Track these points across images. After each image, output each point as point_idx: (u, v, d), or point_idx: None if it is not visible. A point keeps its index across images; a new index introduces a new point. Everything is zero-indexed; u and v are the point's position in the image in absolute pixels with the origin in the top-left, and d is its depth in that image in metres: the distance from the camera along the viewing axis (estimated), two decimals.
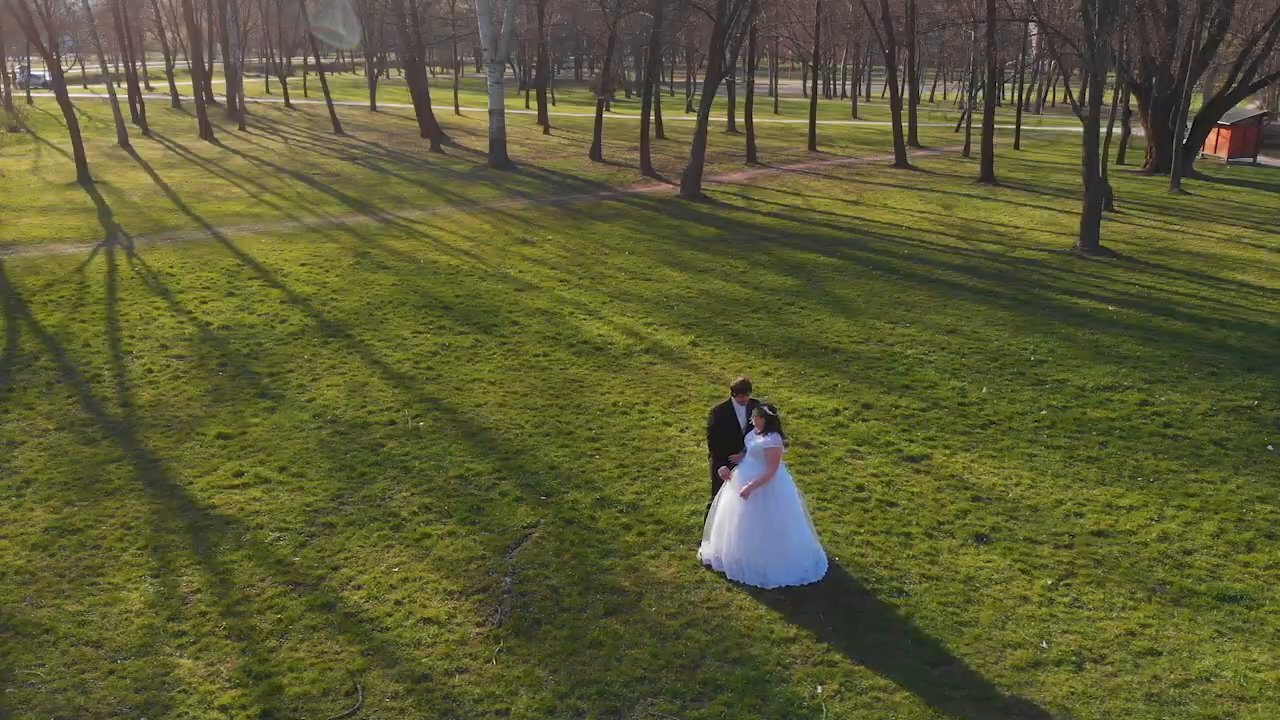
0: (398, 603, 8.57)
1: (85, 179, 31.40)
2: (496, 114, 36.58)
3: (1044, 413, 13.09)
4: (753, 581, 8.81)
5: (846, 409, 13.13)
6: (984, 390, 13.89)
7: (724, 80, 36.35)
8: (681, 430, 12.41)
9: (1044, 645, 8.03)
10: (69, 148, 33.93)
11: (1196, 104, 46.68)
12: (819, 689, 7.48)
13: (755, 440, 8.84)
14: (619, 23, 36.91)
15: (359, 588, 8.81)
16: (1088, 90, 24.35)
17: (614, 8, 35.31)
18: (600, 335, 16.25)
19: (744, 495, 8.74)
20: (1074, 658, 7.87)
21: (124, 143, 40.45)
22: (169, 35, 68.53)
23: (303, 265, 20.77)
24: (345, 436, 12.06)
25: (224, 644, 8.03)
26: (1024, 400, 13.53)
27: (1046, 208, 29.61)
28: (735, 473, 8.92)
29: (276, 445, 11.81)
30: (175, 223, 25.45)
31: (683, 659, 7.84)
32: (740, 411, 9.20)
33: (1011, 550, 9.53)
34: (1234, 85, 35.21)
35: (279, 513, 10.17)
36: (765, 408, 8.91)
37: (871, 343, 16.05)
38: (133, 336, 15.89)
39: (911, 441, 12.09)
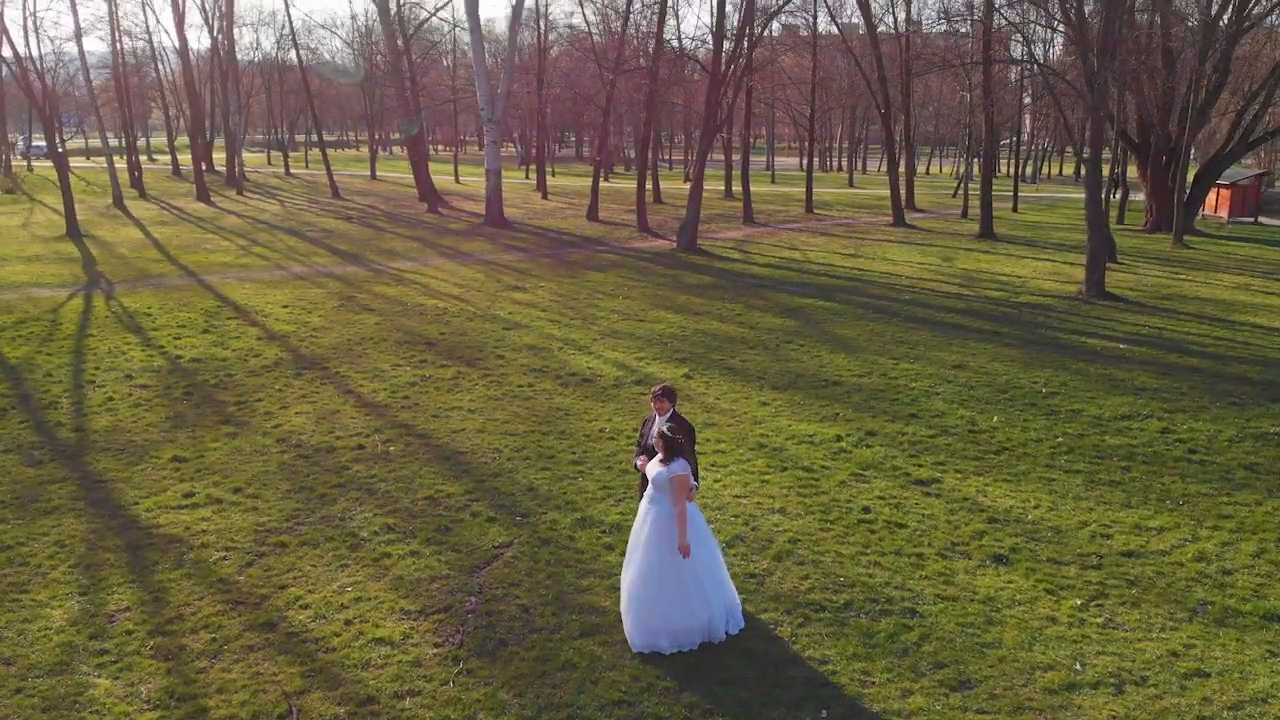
0: (347, 623, 7.63)
1: (74, 233, 31.01)
2: (493, 173, 36.44)
3: (1060, 440, 12.24)
4: (661, 647, 7.19)
5: (850, 435, 12.29)
6: (995, 419, 13.06)
7: (719, 137, 36.26)
8: None
9: (1078, 667, 7.08)
10: (63, 207, 33.64)
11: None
12: (823, 713, 6.51)
13: (655, 469, 7.18)
14: (617, 83, 37.01)
15: (306, 607, 7.87)
16: (1087, 132, 24.02)
17: (612, 66, 35.44)
18: (589, 368, 15.49)
19: (683, 553, 7.05)
20: (1113, 680, 6.91)
21: (118, 203, 40.29)
22: (172, 112, 69.14)
23: (285, 307, 20.12)
24: (308, 460, 11.20)
25: (148, 664, 7.08)
26: (1038, 428, 12.69)
27: (1049, 260, 29.12)
28: (641, 516, 7.34)
29: (234, 468, 10.94)
30: (160, 271, 24.91)
31: (667, 681, 6.88)
32: (658, 422, 7.81)
33: (1034, 571, 8.61)
34: (1232, 143, 35.10)
35: (227, 532, 9.27)
36: (665, 428, 7.24)
37: (874, 376, 15.27)
38: (98, 368, 15.13)
39: (920, 466, 11.23)
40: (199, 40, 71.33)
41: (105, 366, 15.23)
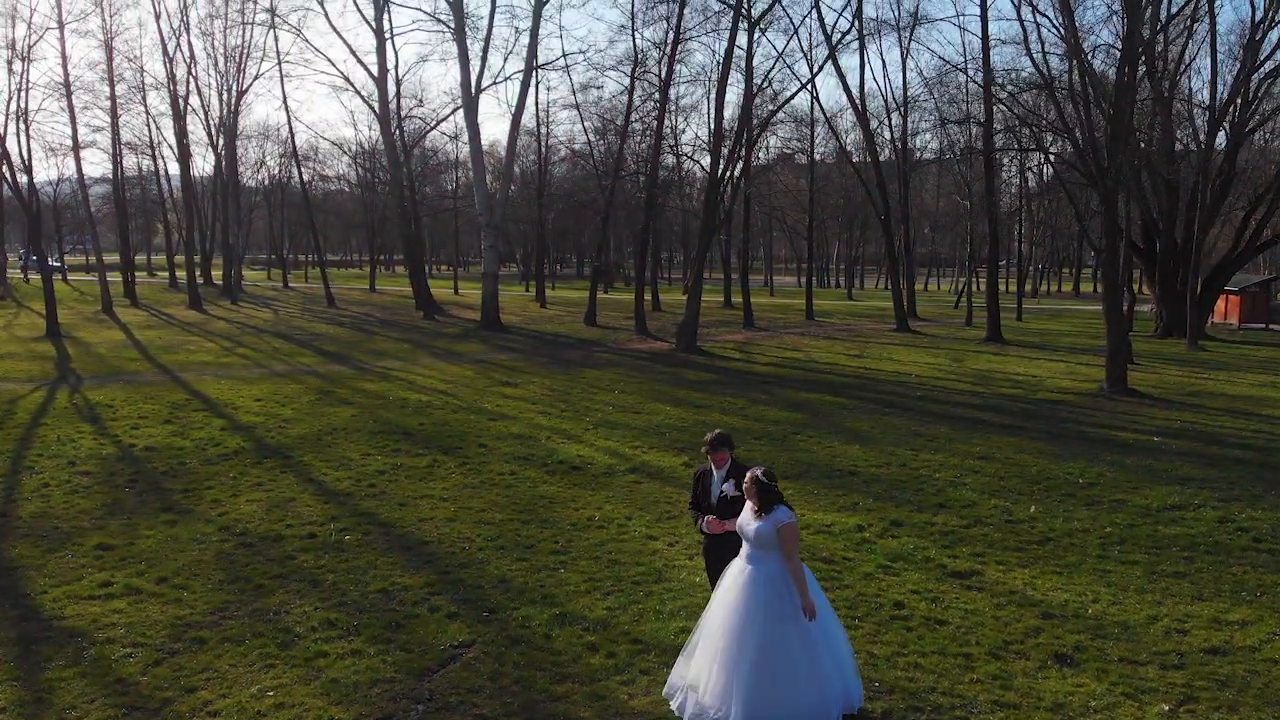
0: None
1: (54, 334, 30.08)
2: (490, 277, 35.85)
3: (1108, 530, 10.82)
4: None
5: (872, 525, 10.87)
6: (1032, 509, 11.66)
7: (718, 243, 35.75)
8: (670, 544, 10.12)
9: None
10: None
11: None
12: None
13: (753, 524, 6.29)
14: (616, 189, 36.78)
15: (214, 714, 6.36)
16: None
17: (612, 172, 35.25)
18: (579, 455, 14.14)
19: (809, 614, 6.06)
20: None
21: (107, 309, 39.59)
22: (173, 229, 69.24)
23: (258, 400, 18.88)
24: (250, 549, 9.77)
25: None
26: (1081, 518, 11.28)
27: (1063, 361, 28.05)
28: (742, 580, 6.24)
29: (164, 557, 9.50)
30: (135, 368, 23.78)
31: None
32: (717, 477, 7.06)
33: (1106, 672, 7.11)
34: (1240, 247, 34.55)
35: (140, 625, 7.79)
36: (759, 472, 6.32)
37: (893, 466, 13.91)
38: (40, 455, 13.79)
39: (955, 558, 9.79)
40: (204, 159, 72.08)
41: (50, 454, 13.90)
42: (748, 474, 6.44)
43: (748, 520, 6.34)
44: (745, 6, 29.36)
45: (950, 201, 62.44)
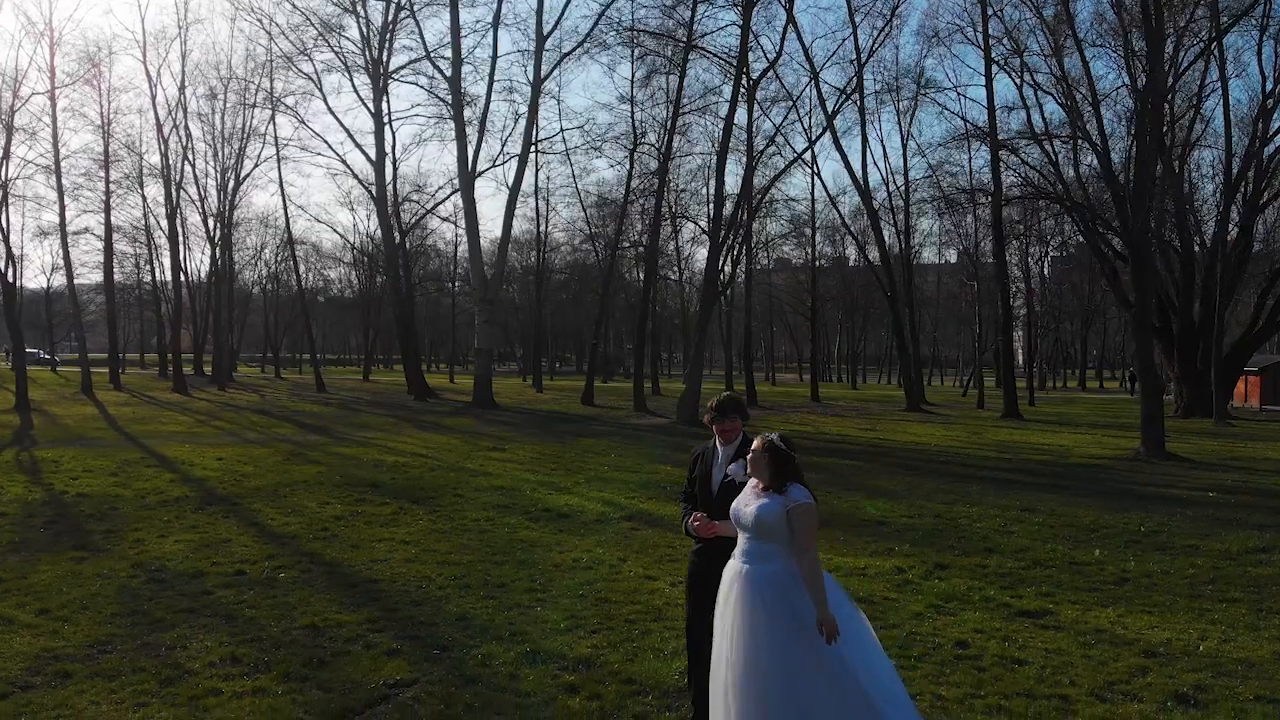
0: None
1: (23, 406, 28.55)
2: (484, 353, 34.57)
3: (1192, 571, 9.11)
4: None
5: (914, 568, 9.17)
6: (1097, 553, 9.96)
7: (719, 319, 34.60)
8: (673, 584, 8.41)
9: None
10: (29, 392, 31.29)
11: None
12: None
13: (752, 504, 4.56)
14: (613, 267, 35.80)
15: None
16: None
17: (611, 244, 34.30)
18: (568, 504, 12.46)
19: (827, 635, 4.30)
20: None
21: (86, 389, 38.11)
22: (166, 329, 68.07)
23: (219, 460, 17.22)
24: (160, 584, 8.06)
25: None
26: (1157, 561, 9.57)
27: (1087, 434, 26.41)
28: (738, 587, 4.51)
29: (55, 589, 7.81)
30: (97, 435, 22.16)
31: None
32: (722, 454, 5.16)
33: (1245, 712, 5.44)
34: (1259, 324, 33.29)
35: None
36: (774, 437, 4.59)
37: (927, 517, 12.23)
38: None
39: (1019, 597, 8.07)
40: (202, 251, 71.49)
41: None
42: (756, 440, 4.65)
43: (747, 500, 4.58)
44: (746, 73, 28.87)
45: (952, 290, 61.75)
